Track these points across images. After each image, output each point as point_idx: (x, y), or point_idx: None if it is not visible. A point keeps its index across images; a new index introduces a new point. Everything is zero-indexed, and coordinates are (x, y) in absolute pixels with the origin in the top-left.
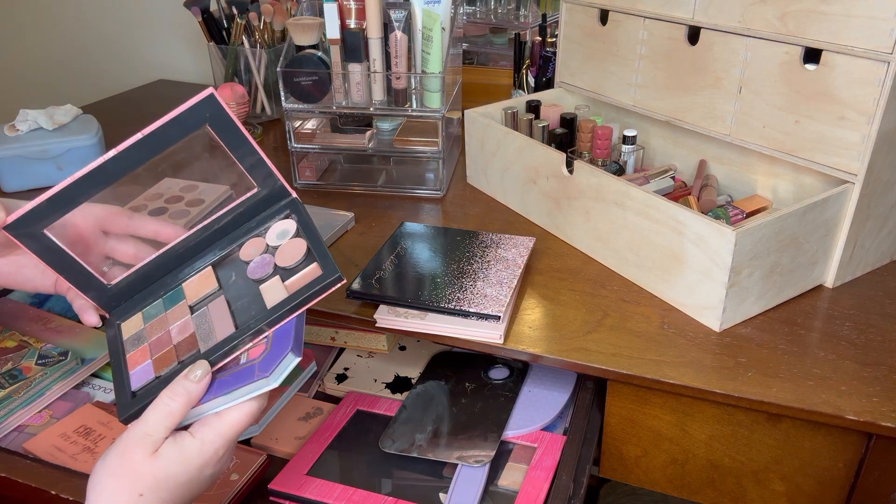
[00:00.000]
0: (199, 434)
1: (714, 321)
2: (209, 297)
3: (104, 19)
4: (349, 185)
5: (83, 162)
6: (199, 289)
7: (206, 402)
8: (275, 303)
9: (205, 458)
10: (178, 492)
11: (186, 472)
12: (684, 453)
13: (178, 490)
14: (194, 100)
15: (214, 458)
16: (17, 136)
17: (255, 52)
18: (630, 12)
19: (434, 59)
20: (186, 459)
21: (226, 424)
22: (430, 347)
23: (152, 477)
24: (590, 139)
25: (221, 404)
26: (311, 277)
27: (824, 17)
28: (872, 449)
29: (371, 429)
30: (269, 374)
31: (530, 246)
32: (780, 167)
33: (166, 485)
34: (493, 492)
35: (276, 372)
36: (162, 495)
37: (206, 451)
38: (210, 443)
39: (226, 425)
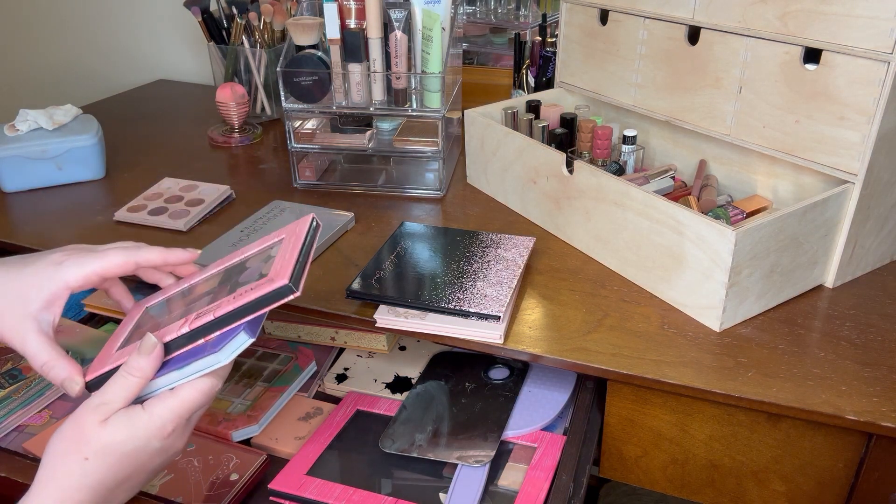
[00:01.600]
0: (149, 407)
1: (714, 321)
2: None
3: (104, 19)
4: (349, 185)
5: (83, 161)
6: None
7: (161, 377)
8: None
9: (151, 431)
10: (124, 460)
11: (132, 441)
12: (684, 453)
13: (123, 459)
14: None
15: (162, 431)
16: (17, 136)
17: (255, 52)
18: (630, 12)
19: (434, 59)
20: (133, 429)
21: (177, 399)
22: (430, 347)
23: (98, 442)
24: (590, 139)
25: (175, 380)
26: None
27: (824, 17)
28: (872, 449)
29: (371, 429)
30: (220, 349)
31: (530, 246)
32: (780, 167)
33: (111, 450)
34: (493, 492)
35: (226, 348)
36: (107, 460)
37: (154, 424)
38: (158, 416)
39: (177, 400)
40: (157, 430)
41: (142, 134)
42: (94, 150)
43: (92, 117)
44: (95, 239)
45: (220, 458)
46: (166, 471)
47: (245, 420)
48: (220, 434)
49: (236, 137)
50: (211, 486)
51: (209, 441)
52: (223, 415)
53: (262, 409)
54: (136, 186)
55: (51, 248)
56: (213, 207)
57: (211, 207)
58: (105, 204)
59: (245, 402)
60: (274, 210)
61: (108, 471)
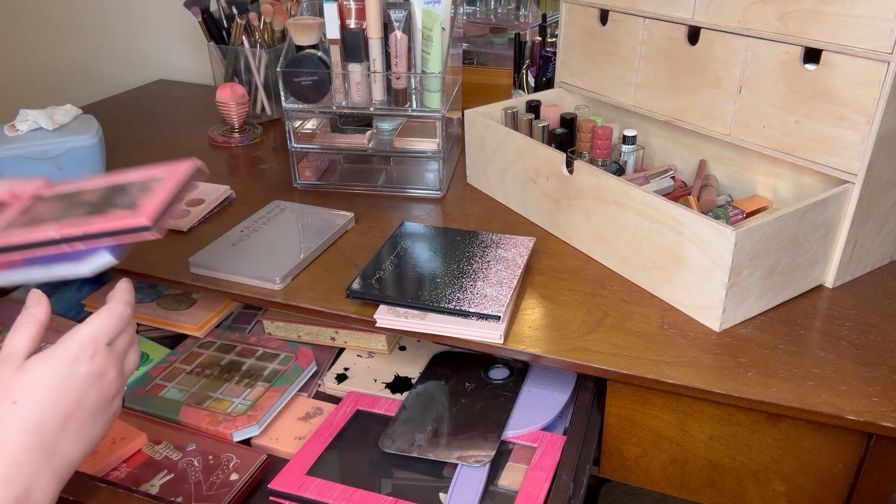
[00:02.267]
0: (61, 340)
1: (714, 321)
2: None
3: (104, 19)
4: (349, 185)
5: (83, 162)
6: None
7: (26, 270)
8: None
9: (69, 357)
10: (53, 394)
11: (53, 371)
12: (684, 453)
13: (52, 392)
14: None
15: (82, 355)
16: (17, 136)
17: (255, 52)
18: (630, 12)
19: (434, 59)
20: (50, 361)
21: (87, 325)
22: (430, 347)
23: (19, 382)
24: (590, 139)
25: (41, 276)
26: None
27: (824, 17)
28: (872, 449)
29: (371, 429)
30: (83, 261)
31: (530, 246)
32: (780, 167)
33: (36, 386)
34: (493, 492)
35: (89, 261)
36: (36, 398)
37: (69, 350)
38: (72, 341)
39: (87, 326)
40: (74, 356)
41: (142, 134)
42: (94, 150)
43: (92, 117)
44: None
45: (220, 458)
46: (167, 470)
47: (245, 420)
48: (220, 434)
49: (236, 137)
50: (211, 486)
51: (209, 441)
52: (223, 415)
53: (262, 409)
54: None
55: None
56: (214, 207)
57: (211, 207)
58: None
59: (245, 402)
60: (274, 210)
61: (41, 408)
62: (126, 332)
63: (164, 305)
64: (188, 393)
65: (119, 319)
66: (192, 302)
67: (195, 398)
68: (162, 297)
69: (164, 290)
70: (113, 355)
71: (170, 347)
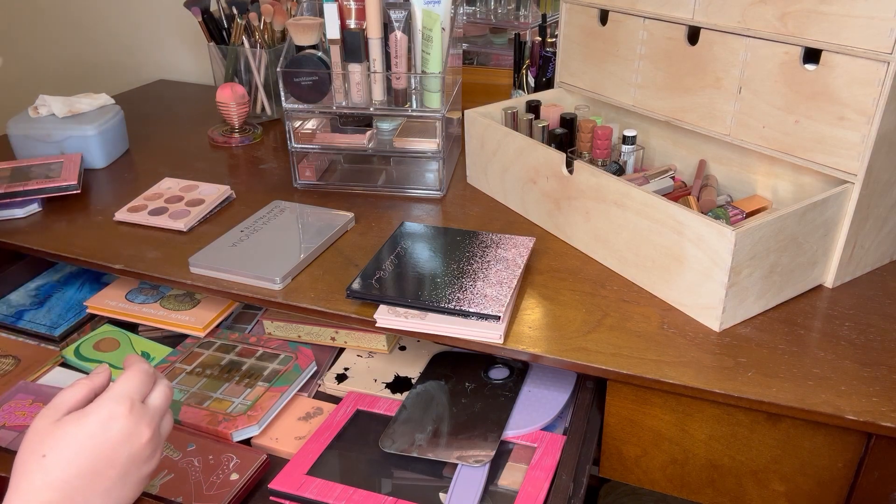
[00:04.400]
0: (96, 400)
1: (714, 321)
2: None
3: (104, 19)
4: (349, 185)
5: (83, 149)
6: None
7: None
8: None
9: (102, 416)
10: (82, 452)
11: (84, 429)
12: (684, 453)
13: (81, 451)
14: None
15: (114, 414)
16: (36, 119)
17: (255, 53)
18: (630, 12)
19: (434, 59)
20: (83, 419)
21: (117, 384)
22: (430, 347)
23: (51, 436)
24: (590, 139)
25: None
26: None
27: (824, 18)
28: (872, 449)
29: (371, 429)
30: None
31: (530, 246)
32: (779, 167)
33: (66, 444)
34: (493, 492)
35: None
36: (65, 454)
37: (103, 409)
38: (107, 399)
39: (117, 384)
40: (109, 413)
41: (142, 134)
42: (94, 141)
43: (113, 110)
44: (97, 240)
45: (220, 458)
46: (166, 470)
47: (245, 420)
48: (221, 434)
49: (236, 137)
50: (211, 486)
51: (209, 441)
52: (223, 415)
53: (262, 409)
54: (136, 186)
55: (53, 252)
56: (214, 207)
57: (211, 207)
58: (105, 204)
59: (245, 402)
60: (274, 210)
61: (69, 465)
62: (159, 390)
63: (167, 306)
64: (188, 393)
65: (147, 375)
66: (195, 302)
67: (195, 398)
68: (165, 298)
69: (167, 291)
70: (147, 415)
71: (170, 347)
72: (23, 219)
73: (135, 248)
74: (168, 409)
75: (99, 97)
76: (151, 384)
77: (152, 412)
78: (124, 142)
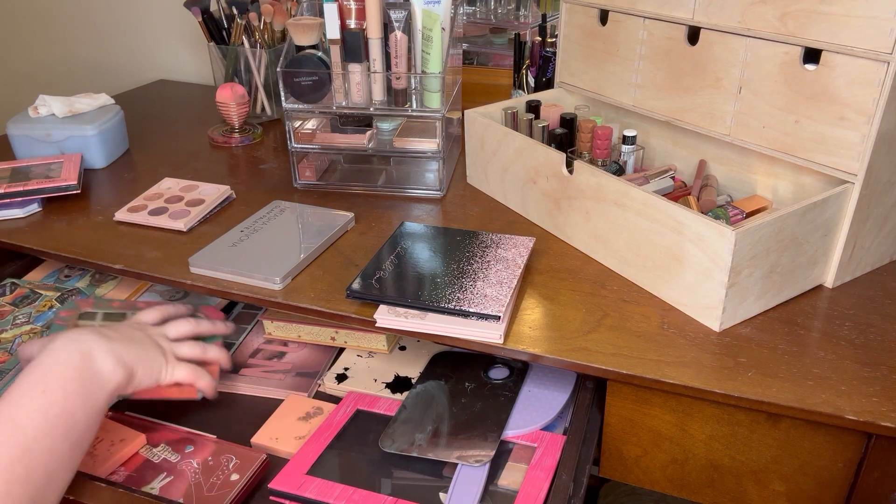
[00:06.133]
0: None
1: (714, 321)
2: None
3: (104, 19)
4: (349, 185)
5: (81, 150)
6: None
7: None
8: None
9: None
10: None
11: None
12: (684, 453)
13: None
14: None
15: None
16: (36, 119)
17: (255, 52)
18: (630, 12)
19: (434, 59)
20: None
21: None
22: (430, 347)
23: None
24: (590, 139)
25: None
26: None
27: (824, 18)
28: (872, 449)
29: (371, 428)
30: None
31: (530, 246)
32: (779, 167)
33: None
34: (492, 491)
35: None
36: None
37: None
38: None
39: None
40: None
41: (142, 134)
42: (93, 141)
43: (113, 110)
44: (97, 240)
45: (219, 458)
46: (165, 472)
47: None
48: (186, 393)
49: (236, 137)
50: (211, 487)
51: (209, 441)
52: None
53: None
54: (136, 186)
55: (53, 252)
56: (214, 207)
57: (211, 207)
58: (105, 204)
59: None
60: (274, 210)
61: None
62: (175, 324)
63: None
64: None
65: (160, 313)
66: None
67: None
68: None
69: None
70: (156, 330)
71: None
72: (23, 219)
73: (135, 248)
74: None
75: (99, 97)
76: (160, 318)
77: (163, 330)
78: (124, 142)
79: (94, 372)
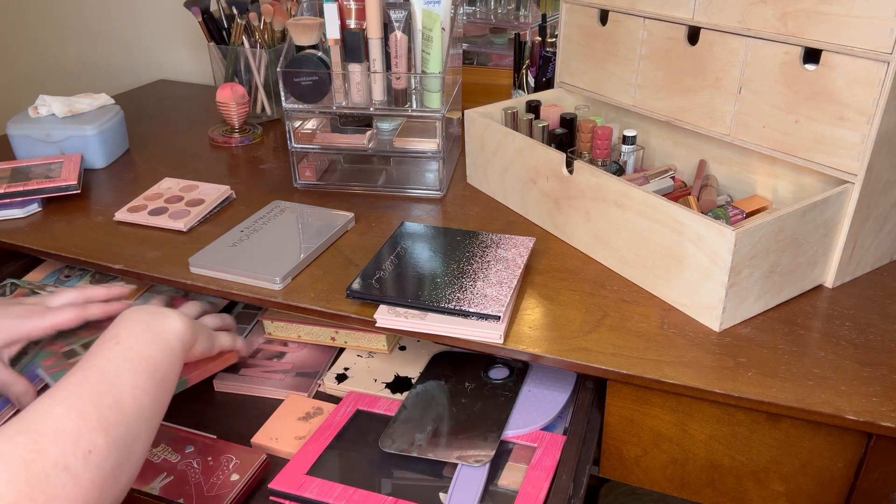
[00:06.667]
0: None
1: (714, 321)
2: None
3: (104, 20)
4: (349, 185)
5: (82, 149)
6: None
7: None
8: None
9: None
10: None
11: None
12: (684, 453)
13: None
14: None
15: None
16: (36, 119)
17: (255, 53)
18: (630, 12)
19: (434, 59)
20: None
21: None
22: (430, 347)
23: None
24: (590, 139)
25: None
26: None
27: (824, 18)
28: (872, 449)
29: (371, 428)
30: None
31: (530, 246)
32: (779, 167)
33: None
34: (492, 491)
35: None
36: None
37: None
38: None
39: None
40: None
41: (142, 134)
42: (93, 141)
43: (114, 111)
44: (97, 240)
45: (219, 460)
46: (166, 473)
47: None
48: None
49: (236, 137)
50: (212, 487)
51: (209, 441)
52: None
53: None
54: (136, 186)
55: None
56: (214, 207)
57: (211, 207)
58: (105, 204)
59: None
60: (274, 210)
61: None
62: (211, 317)
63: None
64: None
65: (196, 307)
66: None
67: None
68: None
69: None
70: (196, 322)
71: None
72: (23, 219)
73: (135, 248)
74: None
75: (99, 97)
76: (200, 311)
77: (202, 323)
78: (124, 142)
79: (162, 325)
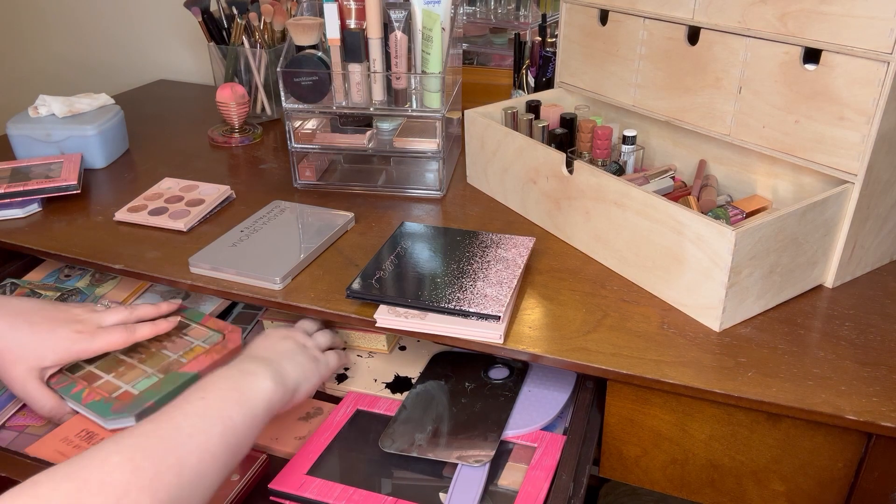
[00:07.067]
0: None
1: (714, 321)
2: None
3: (104, 19)
4: (349, 185)
5: (82, 149)
6: None
7: None
8: None
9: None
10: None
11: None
12: (684, 453)
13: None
14: None
15: (283, 333)
16: (36, 119)
17: (255, 53)
18: (630, 12)
19: (434, 59)
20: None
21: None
22: (430, 347)
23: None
24: (590, 139)
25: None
26: None
27: (824, 18)
28: (872, 449)
29: (371, 428)
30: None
31: (530, 246)
32: (779, 167)
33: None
34: (492, 491)
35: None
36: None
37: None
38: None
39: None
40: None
41: (142, 134)
42: (93, 141)
43: (113, 110)
44: (97, 240)
45: None
46: None
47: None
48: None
49: (236, 137)
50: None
51: None
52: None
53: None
54: (136, 186)
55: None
56: (214, 207)
57: (211, 207)
58: (105, 204)
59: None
60: (274, 210)
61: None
62: (323, 333)
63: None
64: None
65: (311, 323)
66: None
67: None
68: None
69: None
70: (309, 339)
71: None
72: (23, 219)
73: (135, 248)
74: (336, 351)
75: (99, 97)
76: (313, 329)
77: (314, 341)
78: (124, 142)
79: (251, 386)
